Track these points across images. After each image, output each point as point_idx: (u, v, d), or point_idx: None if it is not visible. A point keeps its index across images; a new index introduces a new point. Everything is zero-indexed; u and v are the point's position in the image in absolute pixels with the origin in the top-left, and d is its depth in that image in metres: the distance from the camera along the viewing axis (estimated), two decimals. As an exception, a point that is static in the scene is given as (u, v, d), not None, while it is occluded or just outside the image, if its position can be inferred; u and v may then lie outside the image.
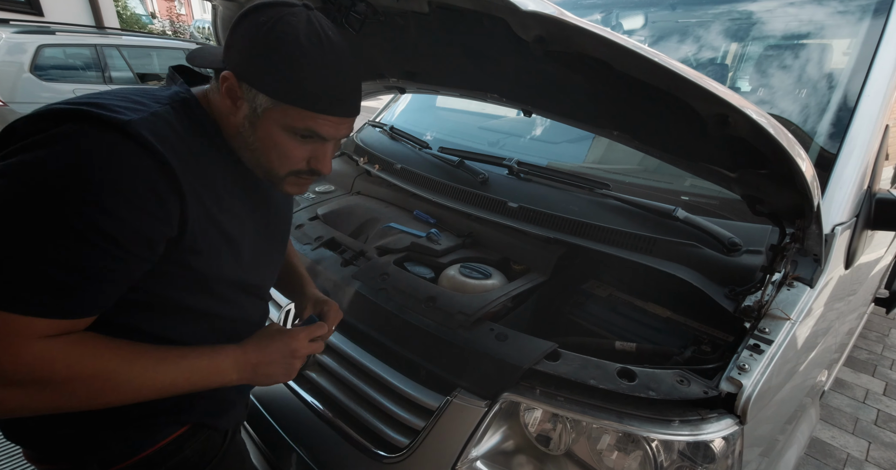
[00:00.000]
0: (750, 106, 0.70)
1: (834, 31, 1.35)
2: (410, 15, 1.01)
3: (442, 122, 2.09)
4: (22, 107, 4.30)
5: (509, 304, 1.13)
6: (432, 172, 1.55)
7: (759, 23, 1.50)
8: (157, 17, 20.24)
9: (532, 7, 0.69)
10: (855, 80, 1.19)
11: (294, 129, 0.65)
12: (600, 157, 1.58)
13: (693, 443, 0.77)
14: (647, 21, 1.76)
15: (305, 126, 0.65)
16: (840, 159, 1.11)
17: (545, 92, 1.16)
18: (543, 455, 0.87)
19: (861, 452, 2.07)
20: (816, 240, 0.95)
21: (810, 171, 0.76)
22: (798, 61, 1.36)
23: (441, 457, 0.88)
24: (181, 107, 0.66)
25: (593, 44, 0.75)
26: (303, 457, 1.03)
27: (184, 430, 0.76)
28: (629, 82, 0.79)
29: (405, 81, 1.50)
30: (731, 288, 1.00)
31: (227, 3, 1.17)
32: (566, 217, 1.22)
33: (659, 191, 1.29)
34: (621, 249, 1.13)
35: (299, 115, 0.64)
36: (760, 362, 0.82)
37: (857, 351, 2.83)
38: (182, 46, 5.59)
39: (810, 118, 1.23)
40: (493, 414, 0.86)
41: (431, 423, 0.90)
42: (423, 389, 0.96)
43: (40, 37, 4.45)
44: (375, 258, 1.26)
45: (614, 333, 1.09)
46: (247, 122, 0.66)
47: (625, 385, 0.83)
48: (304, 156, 0.69)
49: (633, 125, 1.05)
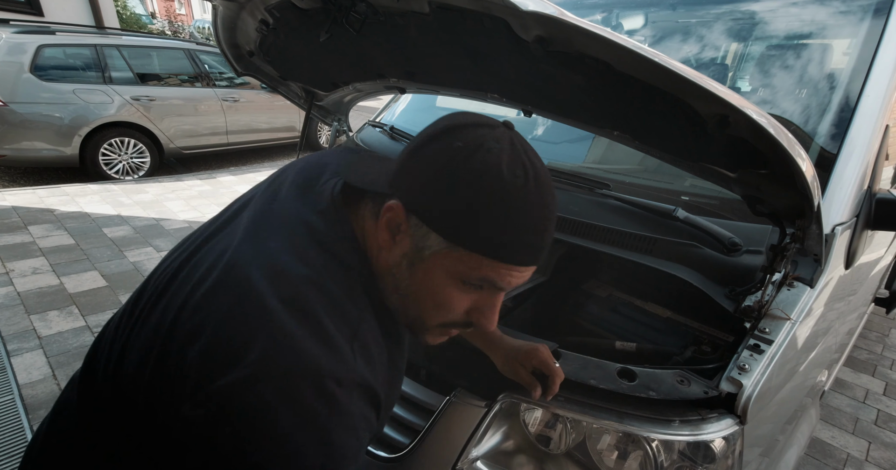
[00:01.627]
0: (750, 106, 0.70)
1: (834, 31, 1.35)
2: (410, 15, 1.01)
3: (442, 122, 2.09)
4: (22, 107, 4.31)
5: (509, 304, 1.13)
6: (432, 172, 1.55)
7: (759, 23, 1.50)
8: (156, 17, 20.23)
9: (532, 7, 0.69)
10: (855, 80, 1.19)
11: (468, 278, 0.52)
12: (600, 157, 1.58)
13: (693, 443, 0.77)
14: (648, 21, 1.76)
15: (484, 276, 0.52)
16: (840, 159, 1.11)
17: (545, 92, 1.16)
18: (543, 455, 0.87)
19: (861, 452, 2.07)
20: (816, 240, 0.95)
21: (810, 171, 0.76)
22: (798, 61, 1.36)
23: (441, 457, 0.88)
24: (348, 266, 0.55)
25: (593, 44, 0.75)
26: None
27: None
28: (629, 82, 0.79)
29: (405, 81, 1.50)
30: (731, 288, 1.00)
31: (227, 3, 1.17)
32: (566, 217, 1.22)
33: (659, 191, 1.29)
34: (621, 249, 1.12)
35: (479, 264, 0.51)
36: (761, 362, 0.82)
37: (857, 351, 2.83)
38: (182, 46, 5.59)
39: (810, 118, 1.23)
40: (493, 414, 0.86)
41: (432, 423, 0.90)
42: (423, 389, 0.96)
43: (40, 37, 4.46)
44: None
45: (614, 333, 1.09)
46: (405, 262, 0.54)
47: (625, 385, 0.83)
48: (466, 307, 0.56)
49: (633, 125, 1.05)
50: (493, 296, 0.56)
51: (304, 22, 1.17)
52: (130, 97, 4.90)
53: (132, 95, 4.92)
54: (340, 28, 1.10)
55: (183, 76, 5.49)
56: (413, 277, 0.54)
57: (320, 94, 1.76)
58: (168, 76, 5.40)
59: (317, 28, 1.15)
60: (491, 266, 0.50)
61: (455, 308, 0.55)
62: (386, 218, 0.53)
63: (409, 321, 0.59)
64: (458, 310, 0.55)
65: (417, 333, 0.60)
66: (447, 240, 0.50)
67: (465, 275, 0.52)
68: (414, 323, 0.59)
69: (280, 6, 1.14)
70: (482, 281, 0.52)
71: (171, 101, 5.23)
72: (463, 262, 0.51)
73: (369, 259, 0.57)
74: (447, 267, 0.52)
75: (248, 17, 1.24)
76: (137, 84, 5.04)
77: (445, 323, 0.57)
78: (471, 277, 0.52)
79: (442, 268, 0.52)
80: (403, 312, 0.58)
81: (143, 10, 19.30)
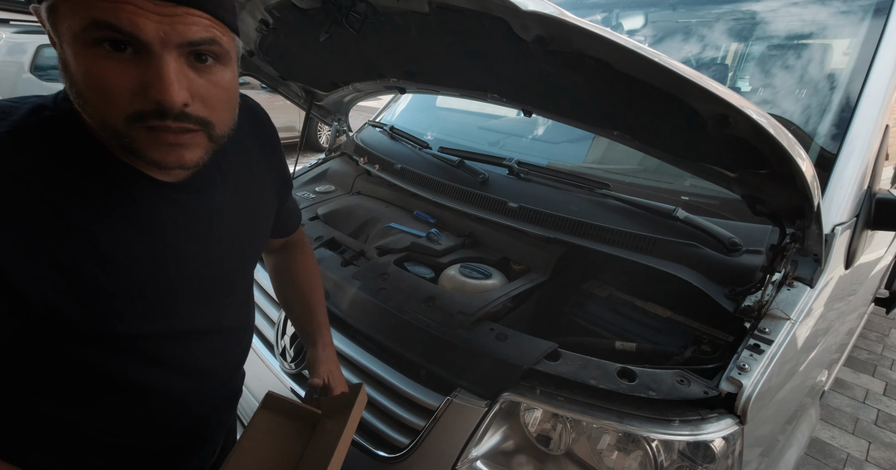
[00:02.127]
0: (750, 106, 0.70)
1: (834, 31, 1.35)
2: (410, 15, 1.01)
3: (442, 122, 2.09)
4: (22, 107, 4.30)
5: (509, 304, 1.13)
6: (432, 172, 1.55)
7: (759, 23, 1.50)
8: (157, 17, 20.20)
9: (532, 7, 0.69)
10: (855, 80, 1.19)
11: (86, 28, 0.43)
12: (600, 157, 1.58)
13: (693, 443, 0.77)
14: (648, 21, 1.76)
15: (90, 19, 0.42)
16: (840, 159, 1.11)
17: (545, 92, 1.16)
18: (543, 455, 0.86)
19: (861, 452, 2.07)
20: (816, 240, 0.95)
21: (810, 171, 0.76)
22: (798, 61, 1.36)
23: (441, 457, 0.88)
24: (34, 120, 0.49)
25: (593, 44, 0.75)
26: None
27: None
28: (629, 82, 0.79)
29: (405, 81, 1.50)
30: (731, 288, 1.00)
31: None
32: (566, 217, 1.22)
33: (659, 191, 1.29)
34: (621, 249, 1.12)
35: (75, 4, 0.43)
36: (760, 362, 0.82)
37: (857, 351, 2.83)
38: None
39: (810, 118, 1.23)
40: (493, 414, 0.86)
41: (432, 423, 0.90)
42: (423, 389, 0.96)
43: (40, 37, 4.47)
44: (375, 258, 1.26)
45: (614, 333, 1.09)
46: (61, 67, 0.47)
47: (625, 385, 0.83)
48: (131, 84, 0.45)
49: (633, 125, 1.05)
50: (149, 59, 0.45)
51: (304, 22, 1.17)
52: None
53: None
54: (340, 28, 1.10)
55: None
56: (68, 73, 0.46)
57: (320, 94, 1.76)
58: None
59: (317, 28, 1.15)
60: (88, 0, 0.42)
61: (115, 85, 0.45)
62: (46, 32, 0.47)
63: (102, 130, 0.49)
64: (123, 88, 0.45)
65: (124, 146, 0.49)
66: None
67: (80, 26, 0.43)
68: (106, 131, 0.48)
69: (280, 6, 1.14)
70: (98, 27, 0.43)
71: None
72: (68, 12, 0.43)
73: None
74: (68, 33, 0.44)
75: (248, 17, 1.24)
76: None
77: (129, 114, 0.46)
78: (84, 25, 0.43)
79: (68, 40, 0.44)
80: (92, 122, 0.49)
81: (143, 10, 19.31)
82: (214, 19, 0.48)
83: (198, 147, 0.52)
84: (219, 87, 0.51)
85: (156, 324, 0.59)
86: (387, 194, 1.67)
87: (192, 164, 0.52)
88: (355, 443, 0.97)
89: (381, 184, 1.70)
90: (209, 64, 0.50)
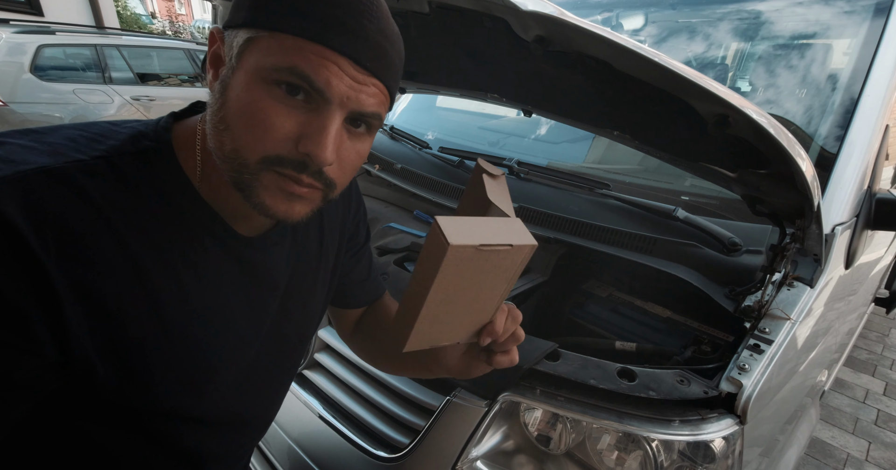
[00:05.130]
0: (750, 106, 0.70)
1: (834, 31, 1.35)
2: (410, 15, 1.01)
3: (442, 122, 2.09)
4: (22, 107, 4.30)
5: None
6: (432, 172, 1.55)
7: (759, 23, 1.50)
8: (157, 17, 20.24)
9: (532, 7, 0.69)
10: (855, 80, 1.19)
11: (277, 68, 0.43)
12: (600, 157, 1.58)
13: (693, 443, 0.77)
14: (648, 21, 1.76)
15: (292, 64, 0.42)
16: (840, 159, 1.11)
17: (545, 92, 1.16)
18: (543, 455, 0.86)
19: (861, 452, 2.07)
20: (816, 240, 0.95)
21: (810, 171, 0.76)
22: (798, 61, 1.36)
23: (441, 457, 0.87)
24: (132, 155, 0.48)
25: (593, 44, 0.75)
26: (302, 457, 1.03)
27: None
28: (629, 82, 0.79)
29: (405, 81, 1.50)
30: (731, 288, 1.00)
31: (227, 3, 1.17)
32: (566, 217, 1.22)
33: (659, 191, 1.29)
34: (621, 249, 1.13)
35: (281, 47, 0.43)
36: (760, 362, 0.82)
37: (857, 351, 2.83)
38: (182, 46, 5.59)
39: (811, 118, 1.23)
40: (493, 414, 0.86)
41: (432, 423, 0.90)
42: (423, 389, 0.96)
43: (40, 37, 4.46)
44: (375, 258, 1.26)
45: (614, 333, 1.09)
46: (219, 87, 0.46)
47: (625, 385, 0.83)
48: (289, 129, 0.45)
49: (633, 125, 1.05)
50: (318, 114, 0.45)
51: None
52: (130, 97, 4.91)
53: (132, 95, 4.92)
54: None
55: (183, 76, 5.50)
56: (224, 97, 0.45)
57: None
58: (168, 76, 5.40)
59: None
60: (295, 48, 0.42)
61: (274, 126, 0.44)
62: (210, 53, 0.48)
63: (227, 160, 0.46)
64: (278, 130, 0.44)
65: (242, 182, 0.46)
66: (248, 26, 0.44)
67: (273, 65, 0.43)
68: (232, 162, 0.46)
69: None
70: (291, 73, 0.43)
71: (171, 102, 5.23)
72: (266, 50, 0.43)
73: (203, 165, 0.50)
74: (253, 65, 0.43)
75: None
76: (137, 84, 5.04)
77: (270, 156, 0.45)
78: (278, 66, 0.42)
79: (249, 70, 0.44)
80: (219, 148, 0.46)
81: (143, 10, 19.33)
82: (387, 94, 0.49)
83: (311, 203, 0.50)
84: (359, 155, 0.51)
85: (183, 402, 0.53)
86: (387, 194, 1.67)
87: (297, 218, 0.50)
88: (356, 442, 0.98)
89: (380, 184, 1.70)
90: (361, 131, 0.50)
